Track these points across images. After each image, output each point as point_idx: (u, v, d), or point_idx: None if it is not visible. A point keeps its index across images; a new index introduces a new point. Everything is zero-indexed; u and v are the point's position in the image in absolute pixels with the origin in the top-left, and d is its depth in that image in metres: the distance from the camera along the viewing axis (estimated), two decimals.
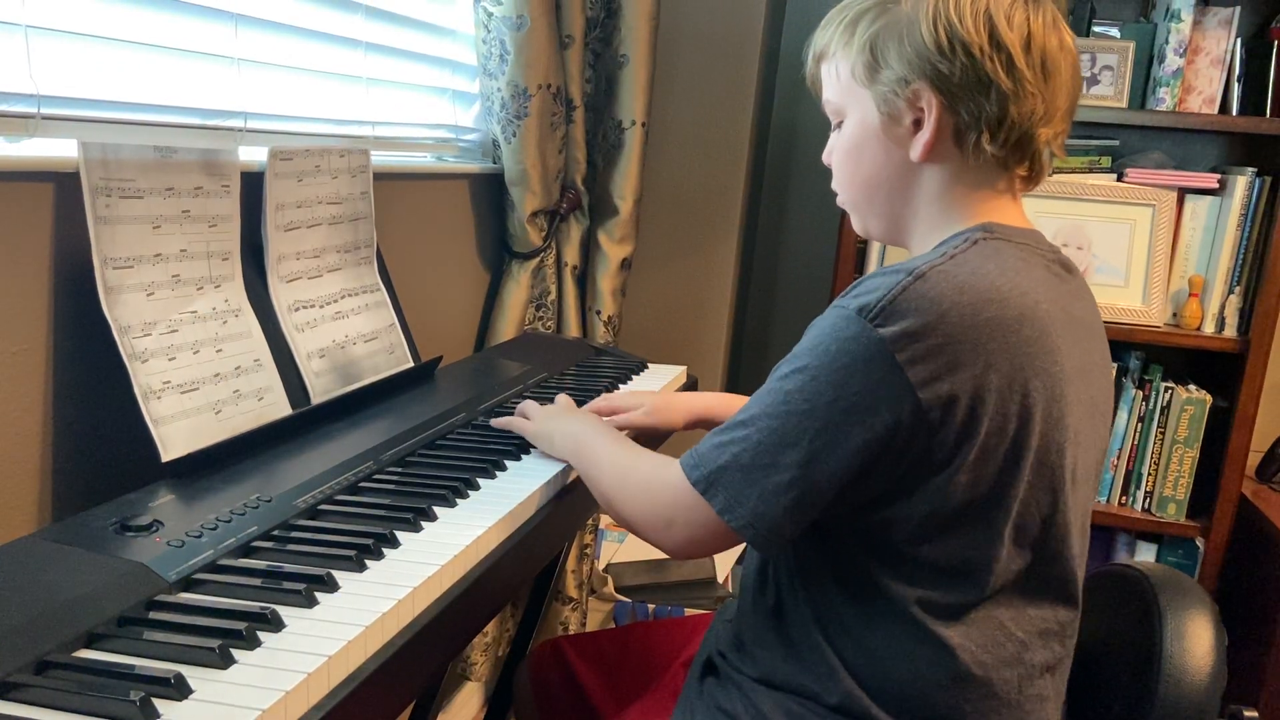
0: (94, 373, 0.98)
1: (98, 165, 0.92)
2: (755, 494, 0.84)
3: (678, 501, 0.89)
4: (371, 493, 0.96)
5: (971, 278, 0.82)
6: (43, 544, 0.77)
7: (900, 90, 0.88)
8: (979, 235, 0.87)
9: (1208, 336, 2.01)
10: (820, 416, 0.81)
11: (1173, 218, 2.03)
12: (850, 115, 0.94)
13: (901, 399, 0.79)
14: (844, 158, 0.97)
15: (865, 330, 0.80)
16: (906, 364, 0.79)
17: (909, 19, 0.87)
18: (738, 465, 0.85)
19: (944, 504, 0.83)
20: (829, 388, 0.81)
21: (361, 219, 1.31)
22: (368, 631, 0.71)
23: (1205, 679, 0.90)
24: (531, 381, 1.41)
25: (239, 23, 1.15)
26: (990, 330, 0.81)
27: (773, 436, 0.83)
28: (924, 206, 0.93)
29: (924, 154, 0.89)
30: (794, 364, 0.84)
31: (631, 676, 1.21)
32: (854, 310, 0.81)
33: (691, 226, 2.23)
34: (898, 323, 0.79)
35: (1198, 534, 2.08)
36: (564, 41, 1.79)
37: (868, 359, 0.80)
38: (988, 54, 0.85)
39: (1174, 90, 1.98)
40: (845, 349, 0.81)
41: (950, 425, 0.80)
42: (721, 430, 0.88)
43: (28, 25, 0.90)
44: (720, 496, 0.85)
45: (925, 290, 0.80)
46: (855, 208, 0.99)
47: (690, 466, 0.88)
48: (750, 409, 0.86)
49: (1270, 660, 1.92)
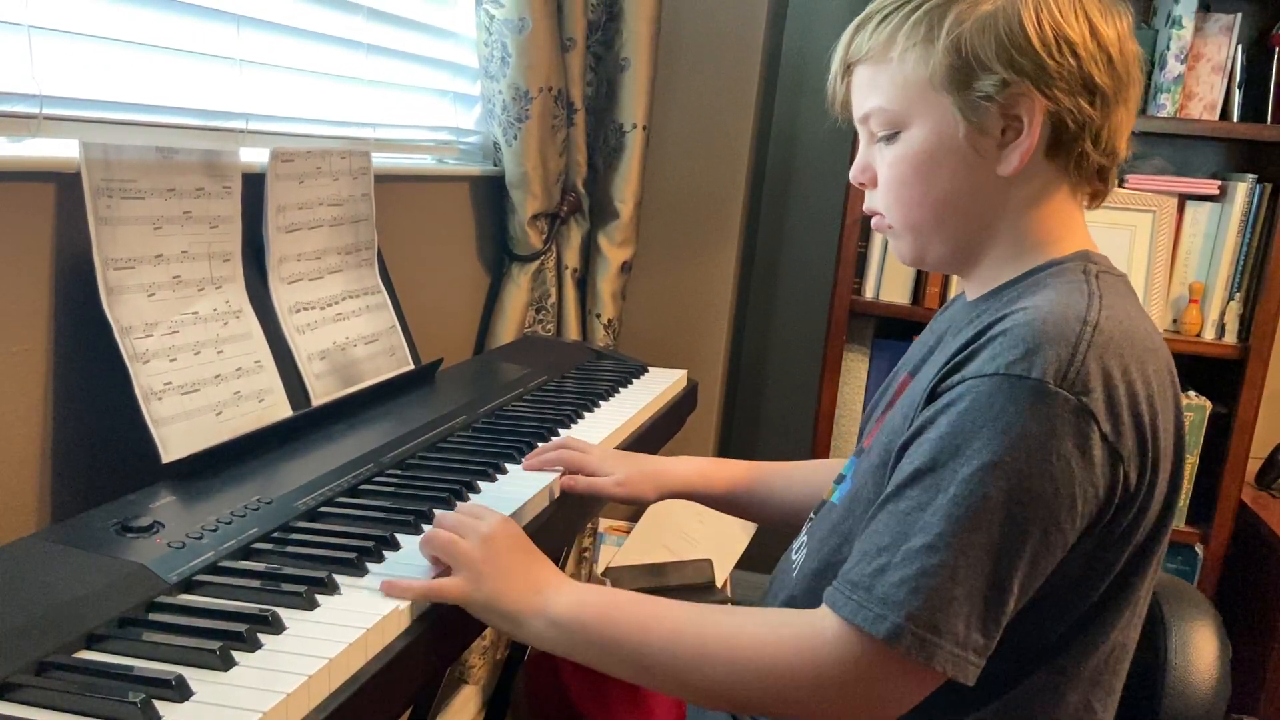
0: (95, 373, 0.98)
1: (99, 166, 0.92)
2: (974, 627, 0.69)
3: (851, 668, 0.70)
4: (372, 495, 0.96)
5: (1131, 324, 0.74)
6: (43, 545, 0.77)
7: (997, 95, 0.77)
8: (1094, 269, 0.79)
9: (1208, 343, 2.01)
10: (1037, 519, 0.69)
11: (1173, 224, 2.03)
12: (917, 126, 0.81)
13: (1115, 475, 0.71)
14: (909, 175, 0.82)
15: (1068, 404, 0.69)
16: (1113, 435, 0.70)
17: (1005, 15, 0.77)
18: (945, 601, 0.68)
19: (1096, 580, 0.75)
20: (1040, 481, 0.68)
21: (362, 221, 1.31)
22: (368, 634, 0.70)
23: (1209, 691, 0.89)
24: (532, 385, 1.41)
25: (241, 24, 1.15)
26: (1157, 384, 0.74)
27: (984, 554, 0.68)
28: (1005, 229, 0.82)
29: (1019, 166, 0.79)
30: (979, 459, 0.69)
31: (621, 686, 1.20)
32: (1044, 379, 0.69)
33: (692, 230, 2.23)
34: (1095, 387, 0.69)
35: (1197, 540, 2.07)
36: (565, 44, 1.79)
37: (1081, 438, 0.69)
38: (1092, 53, 0.77)
39: (1175, 96, 1.98)
40: (1051, 429, 0.68)
41: (1138, 495, 0.73)
42: (895, 565, 0.70)
43: (30, 25, 0.90)
44: (933, 648, 0.68)
45: (1106, 344, 0.71)
46: (917, 231, 0.85)
47: (870, 618, 0.69)
48: (929, 526, 0.69)
49: (1270, 667, 1.92)
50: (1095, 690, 0.81)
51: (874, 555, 0.72)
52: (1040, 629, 0.77)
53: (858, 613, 0.70)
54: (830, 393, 2.17)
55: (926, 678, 0.71)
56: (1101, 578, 0.76)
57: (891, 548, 0.71)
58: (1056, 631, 0.78)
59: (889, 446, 0.79)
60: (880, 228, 0.88)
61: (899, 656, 0.69)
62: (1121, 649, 0.82)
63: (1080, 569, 0.75)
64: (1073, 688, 0.79)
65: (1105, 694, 0.82)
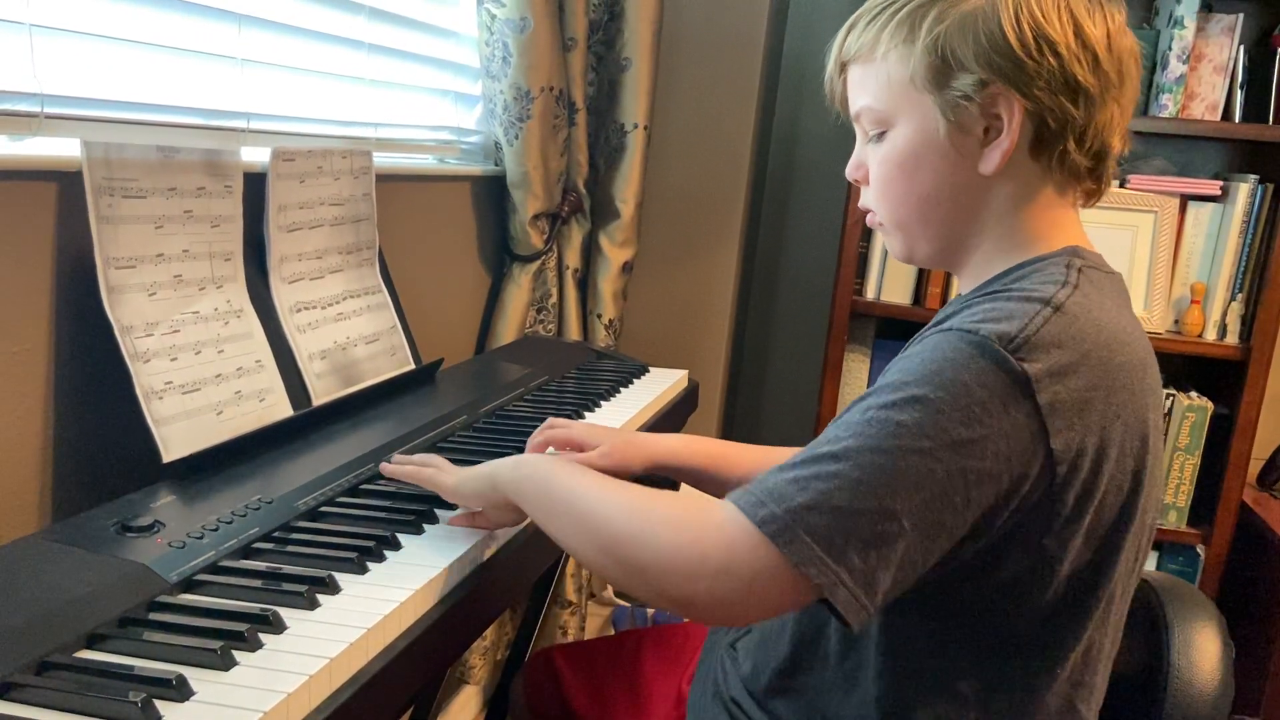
0: (96, 373, 0.98)
1: (101, 165, 0.92)
2: (853, 546, 0.67)
3: (732, 548, 0.69)
4: (373, 494, 0.96)
5: (1101, 314, 0.74)
6: (44, 544, 0.77)
7: (975, 95, 0.78)
8: (1077, 263, 0.79)
9: (1209, 344, 2.01)
10: (943, 459, 0.68)
11: (1175, 224, 2.03)
12: (902, 124, 0.82)
13: (1035, 446, 0.70)
14: (893, 172, 0.83)
15: (1005, 362, 0.69)
16: (1046, 407, 0.69)
17: (985, 15, 0.77)
18: (828, 507, 0.67)
19: (1047, 574, 0.74)
20: (957, 425, 0.68)
21: (363, 220, 1.31)
22: (369, 634, 0.70)
23: (1212, 693, 0.88)
24: (533, 385, 1.40)
25: (242, 23, 1.15)
26: (1122, 376, 0.73)
27: (880, 475, 0.67)
28: (991, 226, 0.83)
29: (1000, 165, 0.79)
30: (904, 391, 0.70)
31: (620, 687, 1.20)
32: (989, 336, 0.70)
33: (693, 230, 2.23)
34: (1041, 358, 0.69)
35: (1199, 541, 2.07)
36: (567, 44, 1.79)
37: (1006, 396, 0.69)
38: (1074, 53, 0.76)
39: (1177, 97, 1.98)
40: (980, 381, 0.69)
41: (1074, 482, 0.72)
42: (797, 463, 0.71)
43: (32, 24, 0.90)
44: (800, 544, 0.67)
45: (1067, 325, 0.72)
46: (904, 228, 0.86)
47: (753, 504, 0.70)
48: (840, 439, 0.70)
49: (1271, 668, 1.92)
50: (1077, 690, 0.81)
51: (789, 463, 0.72)
52: (1007, 628, 0.77)
53: (744, 498, 0.71)
54: (831, 393, 2.17)
55: (798, 582, 0.68)
56: (1054, 568, 0.74)
57: (800, 455, 0.72)
58: (1025, 630, 0.77)
59: None
60: (873, 224, 0.89)
61: (768, 546, 0.68)
62: (1097, 647, 0.81)
63: (1029, 559, 0.74)
64: (1051, 689, 0.79)
65: (1088, 693, 0.82)
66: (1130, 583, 0.83)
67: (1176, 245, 2.04)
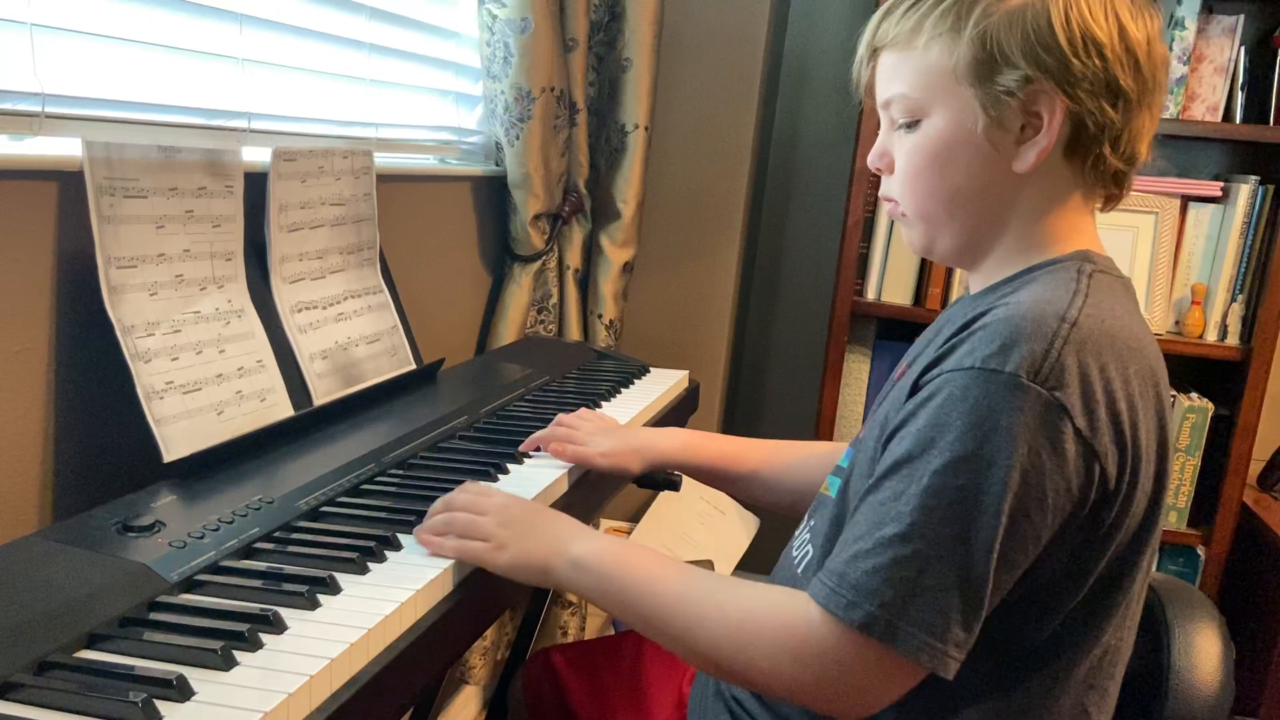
0: (96, 373, 0.98)
1: (102, 164, 0.92)
2: (954, 620, 0.69)
3: (842, 663, 0.71)
4: (373, 495, 0.96)
5: (1114, 323, 0.74)
6: (44, 544, 0.77)
7: (1018, 91, 0.77)
8: (1088, 268, 0.79)
9: (1210, 345, 2.01)
10: (1009, 513, 0.69)
11: (1175, 225, 2.03)
12: (937, 115, 0.81)
13: (1089, 471, 0.70)
14: (924, 164, 0.82)
15: (1040, 397, 0.69)
16: (1088, 431, 0.70)
17: (1034, 11, 0.76)
18: (920, 589, 0.69)
19: (1079, 581, 0.75)
20: (1014, 476, 0.68)
21: (364, 220, 1.31)
22: (370, 634, 0.70)
23: (1213, 693, 0.88)
24: (534, 385, 1.40)
25: (244, 23, 1.15)
26: (1139, 385, 0.74)
27: (957, 547, 0.69)
28: (1014, 225, 0.82)
29: (1034, 164, 0.79)
30: (952, 452, 0.70)
31: (619, 687, 1.20)
32: (1018, 373, 0.69)
33: (694, 230, 2.23)
34: (1070, 383, 0.69)
35: (1199, 542, 2.07)
36: (568, 45, 1.79)
37: (1051, 432, 0.69)
38: (1118, 56, 0.76)
39: (1177, 97, 1.98)
40: (1023, 423, 0.68)
41: (1118, 495, 0.72)
42: (870, 549, 0.71)
43: (33, 24, 0.90)
44: (906, 636, 0.69)
45: (1084, 340, 0.71)
46: (929, 221, 0.85)
47: (845, 606, 0.70)
48: (903, 515, 0.70)
49: (1272, 669, 1.92)
50: (1089, 693, 0.81)
51: (851, 543, 0.73)
52: (1029, 630, 0.77)
53: (831, 599, 0.71)
54: (831, 393, 2.17)
55: (904, 669, 0.71)
56: (1086, 577, 0.76)
57: (866, 536, 0.72)
58: (1045, 633, 0.78)
59: (878, 440, 0.79)
60: (894, 214, 0.88)
61: (874, 646, 0.70)
62: (1114, 651, 0.81)
63: (1064, 568, 0.75)
64: (1065, 691, 0.79)
65: (1099, 696, 0.82)
66: (1145, 584, 0.83)
67: (1177, 246, 2.04)
